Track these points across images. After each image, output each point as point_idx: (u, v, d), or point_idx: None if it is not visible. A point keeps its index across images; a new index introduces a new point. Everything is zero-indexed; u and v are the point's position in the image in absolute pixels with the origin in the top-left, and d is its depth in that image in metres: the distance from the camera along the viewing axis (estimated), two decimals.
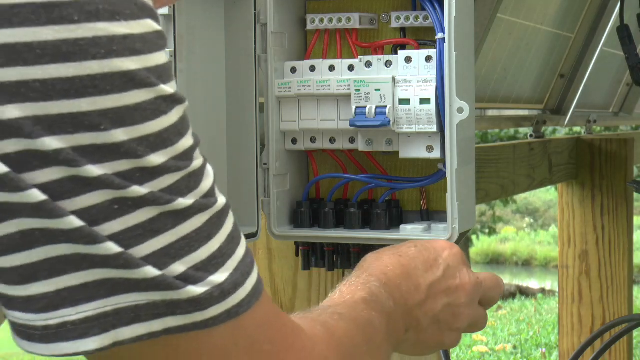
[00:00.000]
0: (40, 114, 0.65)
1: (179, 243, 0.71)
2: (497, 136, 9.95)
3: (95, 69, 0.66)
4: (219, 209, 0.74)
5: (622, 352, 3.00)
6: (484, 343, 5.55)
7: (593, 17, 2.87)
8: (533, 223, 16.72)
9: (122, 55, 0.68)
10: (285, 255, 1.50)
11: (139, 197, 0.69)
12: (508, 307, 7.14)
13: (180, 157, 0.71)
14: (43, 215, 0.66)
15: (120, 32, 0.68)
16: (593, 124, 3.38)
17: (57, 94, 0.66)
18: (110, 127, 0.67)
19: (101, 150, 0.67)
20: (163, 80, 0.71)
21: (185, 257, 0.71)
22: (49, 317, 0.68)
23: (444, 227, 1.25)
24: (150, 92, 0.69)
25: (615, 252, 2.99)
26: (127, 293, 0.69)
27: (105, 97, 0.67)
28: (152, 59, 0.70)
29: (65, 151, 0.66)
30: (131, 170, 0.68)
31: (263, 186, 1.30)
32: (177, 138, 0.71)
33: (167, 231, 0.70)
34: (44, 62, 0.65)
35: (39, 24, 0.65)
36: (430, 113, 1.23)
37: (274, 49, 1.30)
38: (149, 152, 0.69)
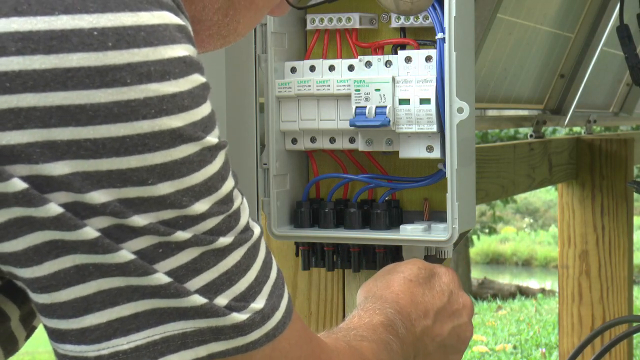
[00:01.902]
0: (90, 170, 0.68)
1: (220, 279, 0.74)
2: (497, 136, 9.95)
3: (145, 129, 0.69)
4: (254, 239, 0.78)
5: (622, 353, 3.00)
6: (484, 343, 5.55)
7: (593, 17, 2.87)
8: (533, 223, 16.72)
9: (172, 113, 0.70)
10: (285, 255, 1.50)
11: (182, 240, 0.72)
12: (508, 307, 7.14)
13: (223, 200, 0.74)
14: (98, 252, 0.69)
15: (170, 91, 0.70)
16: (593, 124, 3.38)
17: (107, 152, 0.68)
18: (157, 181, 0.70)
19: (147, 202, 0.70)
20: (208, 132, 0.73)
21: (226, 291, 0.74)
22: (102, 347, 0.71)
23: (444, 227, 1.25)
24: (196, 146, 0.72)
25: (615, 252, 2.99)
26: (175, 321, 0.72)
27: (153, 154, 0.69)
28: (199, 113, 0.72)
29: (112, 204, 0.69)
30: (175, 218, 0.71)
31: (263, 186, 1.30)
32: (220, 184, 0.74)
33: (210, 269, 0.74)
34: (96, 122, 0.68)
35: (92, 87, 0.67)
36: (430, 113, 1.23)
37: (274, 49, 1.30)
38: (194, 201, 0.72)
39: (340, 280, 1.48)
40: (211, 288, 0.73)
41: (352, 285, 1.47)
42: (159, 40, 0.70)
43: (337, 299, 1.48)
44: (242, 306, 0.75)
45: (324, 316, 1.49)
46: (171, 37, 0.71)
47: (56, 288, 0.70)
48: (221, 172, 0.75)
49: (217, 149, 0.74)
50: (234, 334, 0.75)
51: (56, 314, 0.71)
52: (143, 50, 0.69)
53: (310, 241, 1.35)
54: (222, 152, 0.75)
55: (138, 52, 0.69)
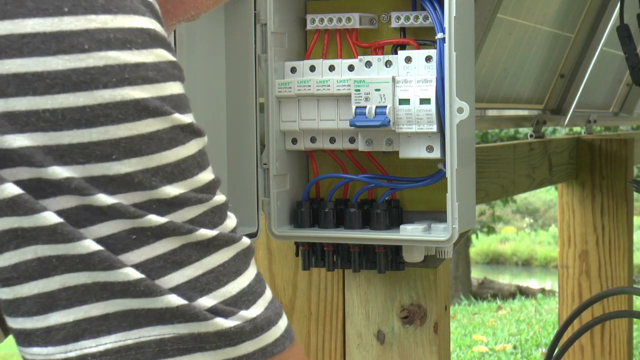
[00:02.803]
0: (51, 144, 0.65)
1: (205, 276, 0.68)
2: (497, 136, 9.94)
3: (107, 98, 0.65)
4: (245, 246, 0.72)
5: (622, 353, 3.00)
6: (484, 343, 5.54)
7: (593, 17, 2.87)
8: (533, 223, 16.72)
9: (135, 84, 0.67)
10: (285, 255, 1.50)
11: (157, 226, 0.67)
12: (508, 307, 7.13)
13: (201, 189, 0.70)
14: (59, 240, 0.65)
15: (132, 60, 0.67)
16: (593, 124, 3.38)
17: (68, 124, 0.65)
18: (123, 157, 0.66)
19: (114, 181, 0.66)
20: (179, 110, 0.69)
21: (213, 292, 0.68)
22: (68, 349, 0.66)
23: (444, 227, 1.25)
24: (165, 121, 0.68)
25: (615, 252, 2.99)
26: (150, 326, 0.67)
27: (117, 126, 0.66)
28: (166, 88, 0.69)
29: (76, 180, 0.65)
30: (147, 202, 0.67)
31: (263, 186, 1.30)
32: (196, 170, 0.70)
33: (192, 263, 0.68)
34: (54, 91, 0.65)
35: (49, 53, 0.65)
36: (430, 113, 1.23)
37: (274, 49, 1.30)
38: (165, 183, 0.67)
39: (340, 280, 1.48)
40: (195, 286, 0.68)
41: (352, 285, 1.47)
42: (119, 9, 0.67)
43: (337, 299, 1.48)
44: (230, 311, 0.69)
45: (324, 316, 1.49)
46: (133, 7, 0.68)
47: (18, 281, 0.66)
48: (197, 158, 0.70)
49: (192, 133, 0.70)
50: (221, 344, 0.68)
51: (20, 310, 0.67)
52: (101, 17, 0.66)
53: (310, 241, 1.35)
54: (198, 138, 0.71)
55: (95, 19, 0.66)
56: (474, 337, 5.76)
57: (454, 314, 6.67)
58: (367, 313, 1.47)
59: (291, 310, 1.50)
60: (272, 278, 1.50)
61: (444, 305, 1.47)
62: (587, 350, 3.03)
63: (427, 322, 1.44)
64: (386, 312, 1.45)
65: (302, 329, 1.50)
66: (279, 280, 1.50)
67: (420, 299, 1.44)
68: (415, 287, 1.44)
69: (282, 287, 1.50)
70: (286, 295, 1.50)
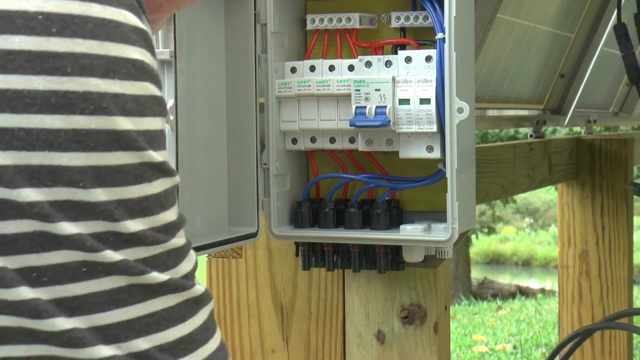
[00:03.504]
0: (21, 164, 0.64)
1: (146, 319, 0.68)
2: (497, 136, 9.94)
3: (82, 124, 0.65)
4: (196, 294, 0.71)
5: (622, 352, 3.00)
6: (484, 343, 5.55)
7: (593, 17, 2.87)
8: (533, 223, 16.72)
9: (112, 114, 0.66)
10: (285, 255, 1.50)
11: (110, 262, 0.66)
12: (508, 307, 7.13)
13: (160, 229, 0.69)
14: None
15: (112, 90, 0.66)
16: (593, 124, 3.38)
17: (41, 145, 0.64)
18: (89, 185, 0.65)
19: (77, 207, 0.65)
20: (152, 147, 0.68)
21: (150, 335, 0.68)
22: None
23: (444, 227, 1.25)
24: (135, 156, 0.67)
25: (615, 252, 2.99)
26: None
27: (88, 153, 0.65)
28: (144, 123, 0.68)
29: (40, 204, 0.64)
30: (105, 233, 0.66)
31: (263, 186, 1.30)
32: (158, 209, 0.69)
33: (135, 304, 0.67)
34: (32, 111, 0.64)
35: (32, 72, 0.64)
36: (430, 113, 1.23)
37: (274, 49, 1.30)
38: (127, 217, 0.67)
39: (340, 280, 1.48)
40: (134, 326, 0.66)
41: (352, 285, 1.47)
42: (107, 36, 0.66)
43: (337, 299, 1.48)
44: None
45: (324, 316, 1.49)
46: (123, 36, 0.67)
47: None
48: (161, 197, 0.69)
49: (161, 172, 0.69)
50: None
51: None
52: (88, 42, 0.65)
53: (310, 241, 1.35)
54: (166, 178, 0.70)
55: (82, 43, 0.65)
56: (474, 337, 5.76)
57: (454, 314, 6.67)
58: (367, 313, 1.47)
59: (291, 310, 1.50)
60: (272, 278, 1.50)
61: (444, 305, 1.47)
62: (587, 350, 3.03)
63: (427, 322, 1.44)
64: (386, 312, 1.45)
65: (302, 329, 1.50)
66: (279, 280, 1.50)
67: (420, 299, 1.44)
68: (415, 287, 1.44)
69: (282, 287, 1.51)
70: (286, 295, 1.50)
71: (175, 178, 0.71)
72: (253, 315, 1.51)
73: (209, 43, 1.24)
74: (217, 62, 1.26)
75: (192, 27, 1.19)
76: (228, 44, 1.27)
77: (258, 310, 1.50)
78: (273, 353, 1.50)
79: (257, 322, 1.51)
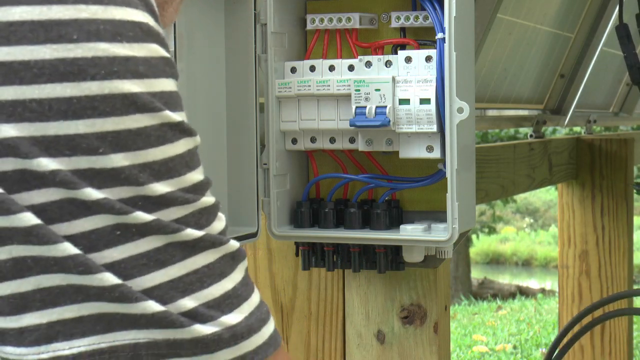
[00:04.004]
0: (37, 135, 0.63)
1: (189, 277, 0.67)
2: (497, 136, 9.94)
3: (94, 90, 0.64)
4: (232, 249, 0.71)
5: (622, 352, 3.00)
6: (484, 343, 5.54)
7: (593, 17, 2.87)
8: (533, 223, 16.72)
9: (124, 77, 0.65)
10: (285, 255, 1.50)
11: (142, 223, 0.66)
12: (508, 307, 7.14)
13: (188, 189, 0.68)
14: (35, 242, 0.64)
15: (121, 54, 0.65)
16: (593, 124, 3.38)
17: (54, 115, 0.64)
18: (110, 151, 0.65)
19: (100, 175, 0.64)
20: (170, 107, 0.68)
21: (196, 293, 0.67)
22: (41, 350, 0.65)
23: (444, 227, 1.25)
24: (154, 118, 0.67)
25: (615, 252, 2.99)
26: (125, 330, 0.66)
27: (104, 119, 0.64)
28: (157, 84, 0.67)
29: (62, 172, 0.64)
30: (133, 198, 0.65)
31: (263, 186, 1.30)
32: (184, 170, 0.68)
33: (175, 263, 0.67)
34: (41, 81, 0.63)
35: (36, 42, 0.64)
36: (430, 113, 1.23)
37: (274, 49, 1.30)
38: (152, 180, 0.66)
39: (340, 280, 1.48)
40: (177, 286, 0.66)
41: (352, 285, 1.47)
42: (110, 1, 0.66)
43: (337, 299, 1.48)
44: (210, 317, 0.67)
45: (324, 316, 1.49)
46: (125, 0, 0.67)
47: None
48: (185, 158, 0.69)
49: (182, 132, 0.68)
50: (197, 350, 0.67)
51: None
52: (91, 7, 0.65)
53: (310, 241, 1.35)
54: (188, 138, 0.69)
55: (85, 9, 0.64)
56: (474, 337, 5.76)
57: (454, 314, 6.67)
58: (367, 313, 1.47)
59: (291, 310, 1.50)
60: (272, 278, 1.50)
61: (444, 305, 1.47)
62: (587, 350, 3.03)
63: (427, 322, 1.44)
64: (386, 312, 1.45)
65: (302, 329, 1.50)
66: (279, 280, 1.50)
67: (420, 299, 1.44)
68: (415, 287, 1.44)
69: (282, 287, 1.50)
70: (286, 295, 1.50)
71: (196, 138, 0.71)
72: None
73: (209, 43, 1.24)
74: (217, 62, 1.26)
75: (192, 27, 1.19)
76: (228, 44, 1.27)
77: None
78: None
79: None
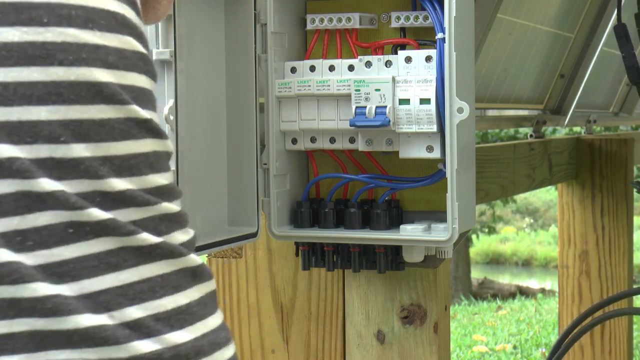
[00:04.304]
0: (1, 120, 0.61)
1: (140, 285, 0.63)
2: (497, 136, 9.94)
3: (61, 76, 0.62)
4: (192, 264, 0.67)
5: (622, 353, 3.00)
6: (484, 343, 5.54)
7: (593, 17, 2.87)
8: (533, 223, 16.72)
9: (92, 65, 0.63)
10: (285, 255, 1.50)
11: (97, 221, 0.62)
12: (508, 307, 7.14)
13: (150, 191, 0.65)
14: None
15: (92, 41, 0.63)
16: (593, 124, 3.38)
17: (19, 99, 0.61)
18: (71, 140, 0.62)
19: (60, 165, 0.62)
20: (138, 103, 0.65)
21: (146, 302, 0.63)
22: None
23: (444, 227, 1.25)
24: (120, 110, 0.64)
25: (615, 252, 2.99)
26: (57, 349, 0.61)
27: (67, 106, 0.62)
28: (128, 77, 0.65)
29: (20, 161, 0.61)
30: (92, 193, 0.62)
31: (263, 186, 1.30)
32: (147, 170, 0.65)
33: (127, 268, 0.63)
34: (9, 64, 0.61)
35: (6, 23, 0.62)
36: (430, 113, 1.23)
37: (274, 49, 1.30)
38: (112, 174, 0.63)
39: (340, 280, 1.48)
40: (126, 292, 0.62)
41: (352, 285, 1.47)
42: None
43: (337, 299, 1.48)
44: (156, 331, 0.62)
45: (324, 316, 1.49)
46: None
47: None
48: (150, 159, 0.65)
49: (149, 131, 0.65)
50: None
51: None
52: None
53: (310, 241, 1.35)
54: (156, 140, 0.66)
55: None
56: (474, 337, 5.76)
57: (454, 314, 6.67)
58: (367, 313, 1.47)
59: (291, 310, 1.50)
60: (272, 278, 1.50)
61: (444, 305, 1.47)
62: (587, 350, 3.03)
63: (427, 322, 1.44)
64: (386, 312, 1.45)
65: (302, 329, 1.50)
66: (279, 280, 1.50)
67: (420, 299, 1.44)
68: (415, 287, 1.44)
69: (282, 287, 1.50)
70: (286, 295, 1.50)
71: (166, 142, 0.67)
72: (253, 315, 1.51)
73: (209, 43, 1.24)
74: (217, 62, 1.26)
75: (192, 27, 1.19)
76: (228, 44, 1.27)
77: (258, 310, 1.50)
78: (273, 353, 1.50)
79: (257, 322, 1.51)
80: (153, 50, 1.10)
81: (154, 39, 1.10)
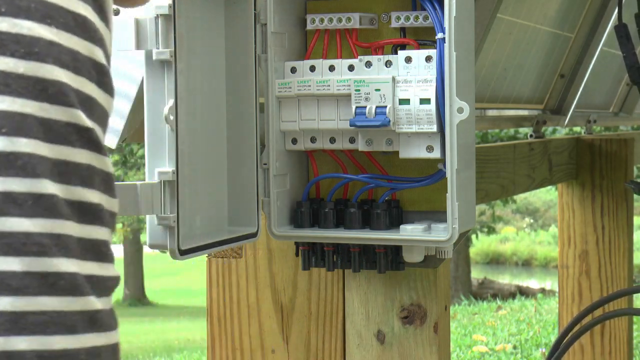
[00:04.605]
0: None
1: (31, 316, 0.57)
2: (497, 136, 9.95)
3: (11, 67, 0.60)
4: (93, 308, 0.60)
5: (622, 353, 3.00)
6: (484, 343, 5.55)
7: (593, 17, 2.87)
8: (533, 223, 16.73)
9: (43, 61, 0.60)
10: (285, 255, 1.50)
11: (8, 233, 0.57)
12: (508, 307, 7.14)
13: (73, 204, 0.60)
14: None
15: (47, 37, 0.61)
16: (593, 124, 3.38)
17: None
18: (13, 133, 0.59)
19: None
20: (87, 112, 0.62)
21: (36, 335, 0.57)
22: None
23: (444, 227, 1.25)
24: (63, 113, 0.61)
25: (615, 252, 2.99)
26: None
27: (13, 98, 0.59)
28: (78, 81, 0.62)
29: None
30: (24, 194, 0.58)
31: (263, 186, 1.30)
32: (77, 181, 0.61)
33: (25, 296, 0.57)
34: None
35: None
36: (430, 113, 1.23)
37: (274, 49, 1.30)
38: (47, 176, 0.59)
39: (340, 280, 1.48)
40: (17, 320, 0.56)
41: (352, 285, 1.47)
42: None
43: (337, 299, 1.48)
44: None
45: (324, 316, 1.49)
46: None
47: None
48: (83, 172, 0.61)
49: (89, 141, 0.62)
50: None
51: None
52: None
53: (310, 241, 1.35)
54: (96, 154, 0.62)
55: None
56: (474, 337, 5.76)
57: (454, 314, 6.67)
58: (367, 313, 1.47)
59: (291, 310, 1.50)
60: (272, 278, 1.50)
61: (444, 305, 1.47)
62: (587, 350, 3.03)
63: (427, 322, 1.44)
64: (386, 312, 1.45)
65: (302, 329, 1.50)
66: (279, 280, 1.50)
67: (420, 299, 1.44)
68: (415, 287, 1.44)
69: (282, 287, 1.50)
70: (286, 295, 1.50)
71: (105, 160, 0.63)
72: (253, 315, 1.51)
73: (209, 43, 1.24)
74: (217, 62, 1.26)
75: (192, 27, 1.19)
76: (228, 44, 1.27)
77: (258, 310, 1.50)
78: (273, 353, 1.50)
79: (257, 322, 1.51)
80: (153, 50, 1.10)
81: (154, 39, 1.10)
